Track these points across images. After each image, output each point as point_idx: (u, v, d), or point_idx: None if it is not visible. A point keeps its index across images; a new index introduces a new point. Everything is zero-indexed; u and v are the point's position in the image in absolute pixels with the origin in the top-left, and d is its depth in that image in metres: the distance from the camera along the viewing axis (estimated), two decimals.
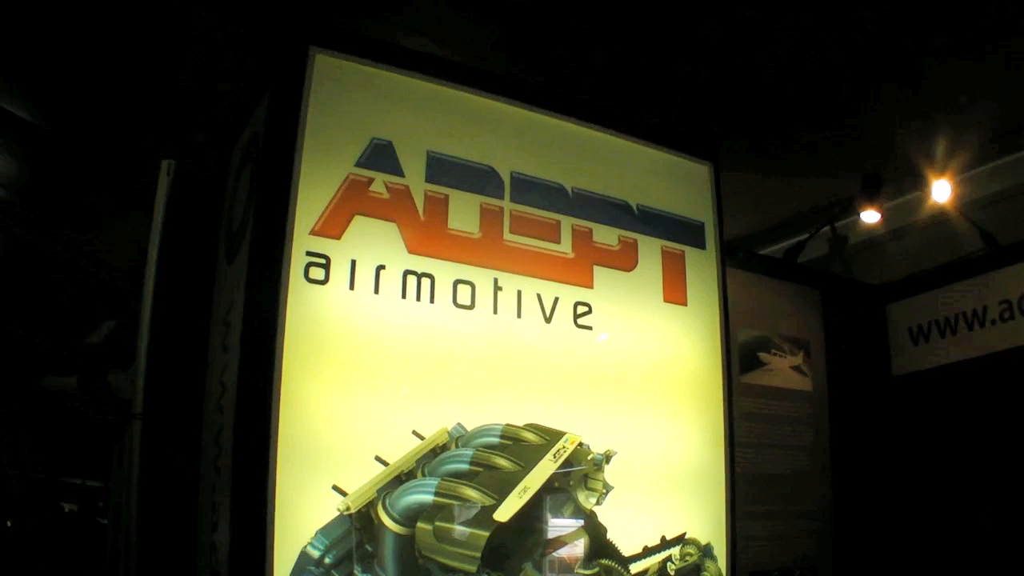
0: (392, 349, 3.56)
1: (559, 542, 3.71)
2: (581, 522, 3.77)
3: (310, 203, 3.55)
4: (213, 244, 4.24)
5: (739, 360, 5.17)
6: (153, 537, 4.02)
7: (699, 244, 4.47)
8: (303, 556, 3.25)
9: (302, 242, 3.49)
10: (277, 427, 3.29)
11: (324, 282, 3.49)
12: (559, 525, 3.72)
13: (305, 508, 3.29)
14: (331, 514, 3.30)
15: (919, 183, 7.40)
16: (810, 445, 5.60)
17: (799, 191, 7.91)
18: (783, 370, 5.53)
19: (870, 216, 7.13)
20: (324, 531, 3.28)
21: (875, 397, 6.01)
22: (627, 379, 4.07)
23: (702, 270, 4.44)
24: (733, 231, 4.73)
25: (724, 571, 4.15)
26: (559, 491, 3.70)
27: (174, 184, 4.34)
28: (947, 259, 6.79)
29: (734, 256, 4.97)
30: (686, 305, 4.34)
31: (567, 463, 3.68)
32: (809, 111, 6.94)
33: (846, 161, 7.37)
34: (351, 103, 3.77)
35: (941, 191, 7.15)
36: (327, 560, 3.25)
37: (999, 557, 5.42)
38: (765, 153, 7.37)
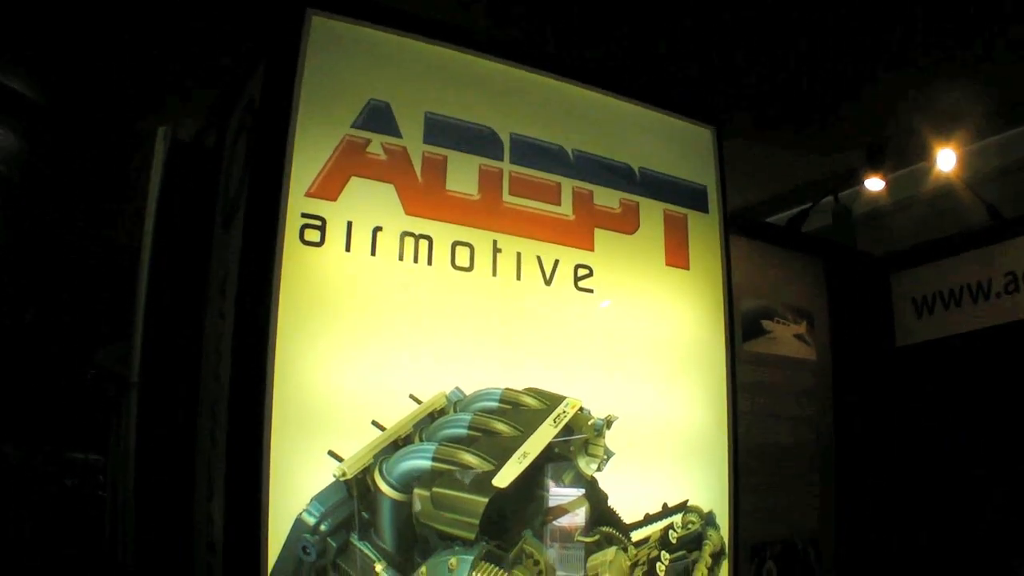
0: (389, 312, 3.50)
1: (559, 509, 3.66)
2: (581, 489, 3.72)
3: (305, 164, 3.49)
4: (210, 212, 4.18)
5: (741, 328, 5.11)
6: (150, 509, 3.99)
7: (702, 208, 4.41)
8: (298, 523, 3.19)
9: (297, 203, 3.43)
10: (272, 391, 3.25)
11: (320, 244, 3.43)
12: (559, 492, 3.67)
13: (300, 474, 3.24)
14: (327, 480, 3.24)
15: (924, 154, 7.34)
16: (813, 416, 5.56)
17: (802, 163, 7.85)
18: (786, 339, 5.49)
19: (874, 184, 7.08)
20: (320, 498, 3.22)
21: (879, 368, 5.96)
22: (628, 343, 4.01)
23: (705, 234, 4.38)
24: (735, 202, 4.67)
25: (727, 540, 4.10)
26: (559, 457, 3.65)
27: (170, 151, 4.29)
28: (952, 231, 6.73)
29: (737, 223, 4.90)
30: (688, 269, 4.28)
31: (567, 428, 3.62)
32: (812, 82, 6.87)
33: (850, 132, 7.31)
34: (348, 65, 3.71)
35: (946, 160, 7.08)
36: (323, 527, 3.20)
37: (1002, 529, 5.38)
38: (767, 124, 7.30)
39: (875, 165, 6.99)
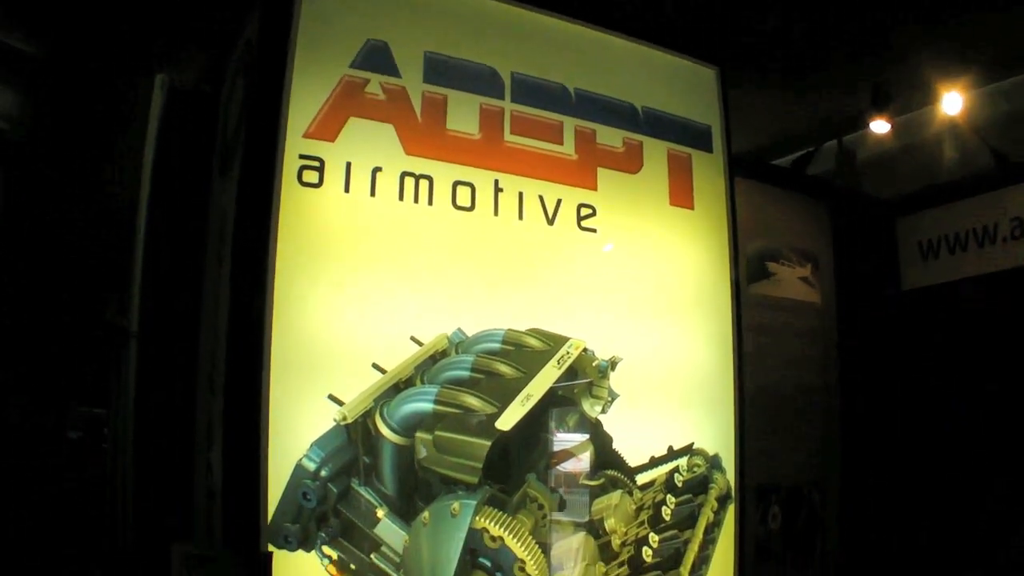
0: (389, 252, 3.46)
1: (563, 452, 3.62)
2: (586, 431, 3.68)
3: (303, 105, 3.44)
4: (208, 158, 4.13)
5: (746, 269, 5.06)
6: (150, 459, 3.96)
7: (706, 148, 4.35)
8: (299, 469, 3.16)
9: (295, 145, 3.38)
10: (270, 336, 3.21)
11: (318, 185, 3.39)
12: (563, 434, 3.64)
13: (300, 419, 3.20)
14: (327, 425, 3.20)
15: (929, 98, 7.24)
16: (818, 359, 5.52)
17: (806, 108, 7.76)
18: (791, 281, 5.44)
19: (879, 127, 6.99)
20: (320, 443, 3.19)
21: (884, 312, 5.92)
22: (633, 284, 3.97)
23: (709, 174, 4.33)
24: (739, 146, 4.60)
25: (733, 484, 4.06)
26: (563, 399, 3.60)
27: (167, 99, 4.23)
28: (958, 176, 6.68)
29: (742, 165, 4.84)
30: (693, 209, 4.23)
31: (571, 370, 3.57)
32: (816, 26, 6.77)
33: (855, 77, 7.21)
34: (345, 5, 3.65)
35: (952, 104, 7.00)
36: (323, 473, 3.16)
37: (1006, 471, 5.37)
38: (771, 69, 7.21)
39: (880, 107, 6.91)
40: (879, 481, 5.60)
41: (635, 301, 3.95)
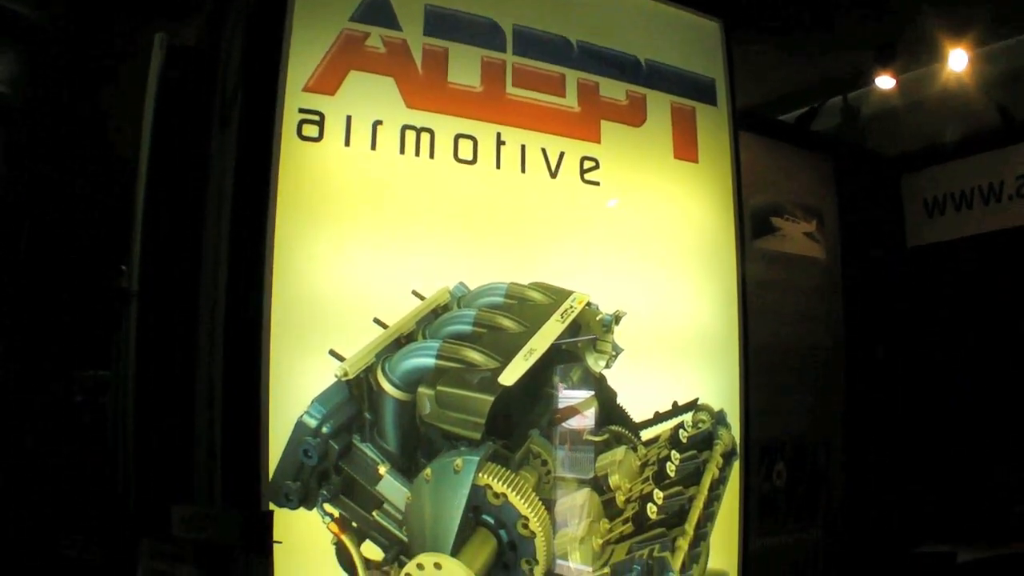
0: (390, 206, 3.44)
1: (567, 407, 3.57)
2: (590, 386, 3.64)
3: (302, 59, 3.41)
4: (208, 115, 4.09)
5: (750, 224, 5.02)
6: (150, 418, 3.93)
7: (710, 101, 4.32)
8: (299, 426, 3.13)
9: (295, 99, 3.36)
10: (270, 291, 3.19)
11: (318, 139, 3.37)
12: (567, 389, 3.59)
13: (300, 375, 3.18)
14: (328, 381, 3.17)
15: (935, 55, 7.17)
16: (823, 315, 5.49)
17: (810, 64, 7.69)
18: (795, 236, 5.41)
19: (885, 82, 6.92)
20: (321, 399, 3.15)
21: (889, 268, 5.89)
22: (637, 237, 3.95)
23: (713, 128, 4.29)
24: (742, 102, 4.56)
25: (738, 440, 4.03)
26: (567, 354, 3.55)
27: (167, 58, 4.19)
28: (963, 134, 6.63)
29: (747, 119, 4.80)
30: (697, 162, 4.20)
31: (575, 324, 3.53)
32: None
33: (859, 33, 7.14)
34: None
35: (957, 60, 6.93)
36: (324, 429, 3.13)
37: (1012, 430, 5.36)
38: (775, 24, 7.14)
39: (885, 63, 6.85)
40: (884, 439, 5.58)
41: (639, 255, 3.94)
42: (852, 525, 5.43)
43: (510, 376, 3.10)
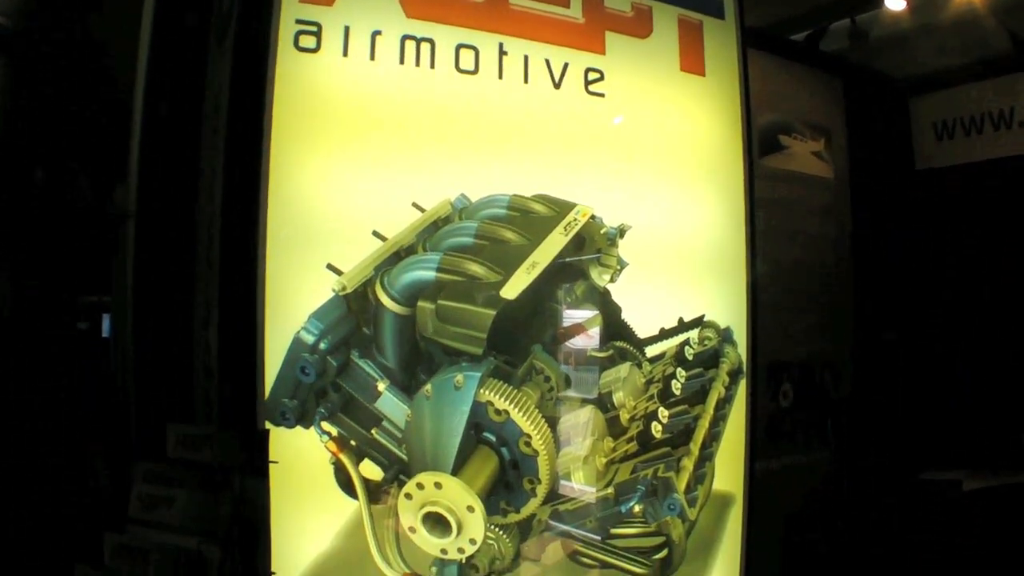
0: (389, 117, 3.37)
1: (571, 322, 3.52)
2: (594, 301, 3.59)
3: None
4: (205, 31, 4.02)
5: (758, 142, 4.94)
6: (149, 341, 3.89)
7: (717, 14, 4.22)
8: (296, 343, 3.06)
9: (291, 9, 3.27)
10: (266, 205, 3.13)
11: (315, 50, 3.28)
12: (571, 304, 3.54)
13: (297, 290, 3.12)
14: (325, 296, 3.09)
15: None
16: (831, 235, 5.45)
17: None
18: (803, 155, 5.35)
19: (895, 3, 6.84)
20: (318, 315, 3.08)
21: (897, 190, 5.83)
22: (642, 150, 3.88)
23: (721, 42, 4.20)
24: (751, 21, 4.47)
25: (745, 358, 3.98)
26: (570, 267, 3.49)
27: None
28: (973, 59, 6.55)
29: (755, 36, 4.71)
30: (704, 76, 4.12)
31: (578, 237, 3.46)
32: None
33: None
34: None
35: None
36: (322, 346, 3.06)
37: (1019, 355, 5.33)
38: None
39: None
40: (891, 362, 5.55)
41: (645, 168, 3.87)
42: (857, 449, 5.41)
43: (512, 290, 3.02)
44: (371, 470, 3.19)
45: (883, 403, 5.53)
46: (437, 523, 2.86)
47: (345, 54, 3.33)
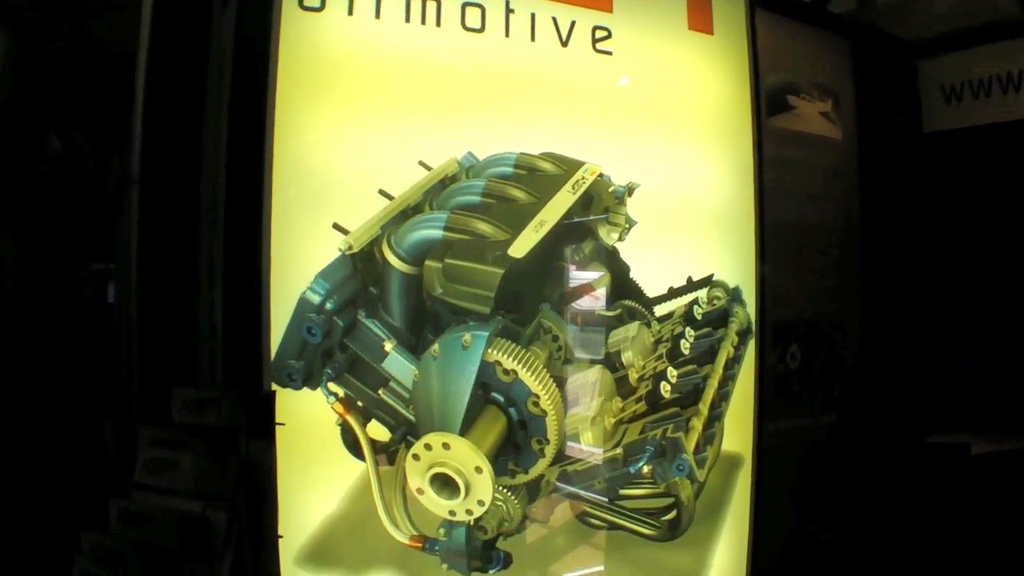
0: (395, 75, 3.34)
1: (579, 281, 3.49)
2: (602, 260, 3.56)
3: None
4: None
5: (766, 102, 4.90)
6: (154, 304, 3.87)
7: None
8: (302, 303, 3.05)
9: None
10: (271, 165, 3.11)
11: (320, 8, 3.26)
12: (579, 263, 3.50)
13: (303, 250, 3.11)
14: (332, 255, 3.07)
15: None
16: (839, 196, 5.40)
17: None
18: (812, 116, 5.29)
19: None
20: (324, 274, 3.06)
21: (904, 152, 5.80)
22: (649, 108, 3.86)
23: (729, 0, 4.18)
24: None
25: (753, 318, 3.97)
26: (578, 226, 3.46)
27: None
28: (982, 21, 6.51)
29: None
30: (712, 35, 4.10)
31: (586, 195, 3.44)
32: None
33: None
34: None
35: None
36: (328, 306, 3.04)
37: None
38: None
39: None
40: (898, 324, 5.53)
41: (652, 127, 3.85)
42: (865, 412, 5.39)
43: (520, 248, 3.00)
44: (378, 431, 3.18)
45: (890, 365, 5.51)
46: (445, 484, 2.85)
47: (350, 13, 3.30)
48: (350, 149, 3.23)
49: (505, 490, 3.13)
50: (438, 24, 3.42)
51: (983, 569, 4.81)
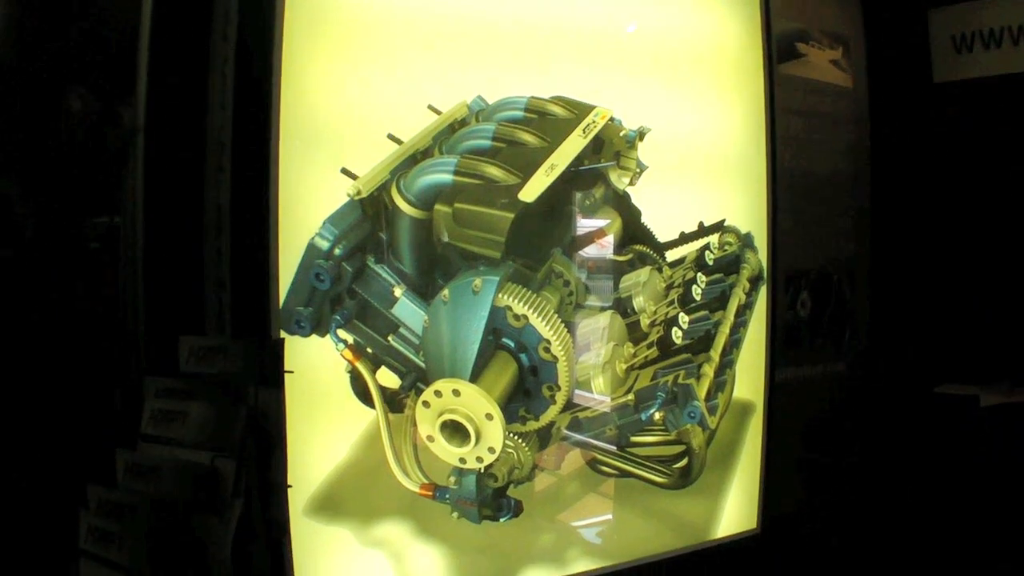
0: (402, 16, 3.26)
1: (590, 225, 3.47)
2: (613, 204, 3.54)
3: None
4: None
5: (776, 50, 4.86)
6: (160, 252, 3.84)
7: None
8: (311, 248, 3.01)
9: None
10: (277, 108, 3.03)
11: None
12: (590, 207, 3.47)
13: (311, 195, 3.05)
14: (340, 200, 3.03)
15: None
16: (849, 145, 5.37)
17: None
18: (821, 64, 5.25)
19: None
20: (333, 219, 3.02)
21: (915, 102, 5.76)
22: (661, 52, 3.81)
23: None
24: None
25: (765, 265, 3.94)
26: (589, 170, 3.42)
27: None
28: None
29: None
30: None
31: (597, 139, 3.40)
32: None
33: None
34: None
35: None
36: (337, 251, 3.00)
37: None
38: None
39: None
40: (909, 274, 5.51)
41: (664, 70, 3.80)
42: (875, 361, 5.38)
43: (531, 192, 2.96)
44: (388, 378, 3.15)
45: (901, 315, 5.50)
46: (455, 431, 2.84)
47: None
48: (358, 92, 3.16)
49: (516, 437, 3.12)
50: None
51: (990, 521, 4.80)
